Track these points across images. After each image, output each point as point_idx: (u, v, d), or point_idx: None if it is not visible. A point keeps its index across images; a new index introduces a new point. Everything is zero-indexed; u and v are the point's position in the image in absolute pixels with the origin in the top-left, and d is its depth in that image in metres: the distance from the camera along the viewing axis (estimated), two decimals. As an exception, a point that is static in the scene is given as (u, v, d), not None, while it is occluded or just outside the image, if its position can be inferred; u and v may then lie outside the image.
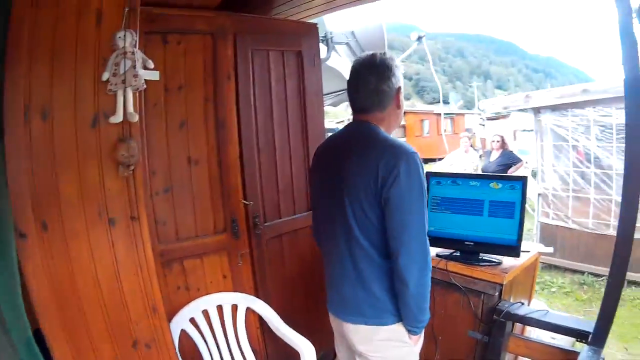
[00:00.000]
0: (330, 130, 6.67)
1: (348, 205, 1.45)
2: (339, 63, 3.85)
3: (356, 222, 1.44)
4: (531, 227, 6.00)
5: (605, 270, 4.74)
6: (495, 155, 6.26)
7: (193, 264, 2.18)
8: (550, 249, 2.46)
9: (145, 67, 1.40)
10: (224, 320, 2.22)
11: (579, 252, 5.00)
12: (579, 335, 1.87)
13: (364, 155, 1.43)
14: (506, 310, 2.03)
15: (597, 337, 1.77)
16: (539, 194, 5.43)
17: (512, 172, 6.16)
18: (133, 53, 1.34)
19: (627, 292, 4.52)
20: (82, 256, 1.27)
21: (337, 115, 17.64)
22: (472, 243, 2.21)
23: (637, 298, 4.43)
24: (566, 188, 5.15)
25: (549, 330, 2.05)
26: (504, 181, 2.16)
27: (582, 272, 5.01)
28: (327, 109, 2.88)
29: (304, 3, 2.64)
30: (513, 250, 2.12)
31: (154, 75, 1.42)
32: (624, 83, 1.50)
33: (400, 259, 1.37)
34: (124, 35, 1.32)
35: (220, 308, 2.22)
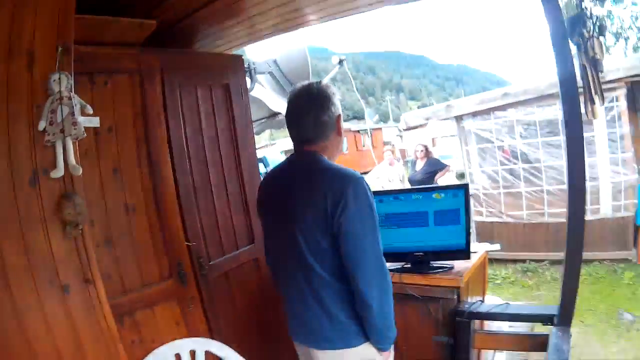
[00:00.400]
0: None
1: (300, 237, 1.46)
2: (262, 92, 3.88)
3: (311, 253, 1.46)
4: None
5: (545, 255, 5.25)
6: (420, 164, 6.57)
7: (144, 315, 2.06)
8: (497, 246, 2.66)
9: (83, 113, 1.32)
10: (184, 368, 2.12)
11: (517, 242, 5.45)
12: (545, 319, 2.02)
13: (311, 185, 1.47)
14: (468, 310, 2.15)
15: (563, 317, 1.93)
16: (471, 195, 5.81)
17: (439, 177, 6.54)
18: (70, 98, 1.26)
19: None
20: (39, 331, 1.15)
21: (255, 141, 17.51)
22: (422, 253, 2.30)
23: (583, 274, 4.71)
24: (496, 186, 5.62)
25: (516, 321, 2.20)
26: (445, 190, 2.31)
27: (524, 261, 5.43)
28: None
29: (226, 35, 2.67)
30: (463, 253, 2.25)
31: (94, 122, 1.35)
32: (559, 85, 1.67)
33: (360, 283, 1.40)
34: (59, 78, 1.24)
35: (178, 356, 2.11)
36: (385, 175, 7.11)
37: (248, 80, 3.45)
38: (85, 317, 1.26)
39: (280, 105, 3.72)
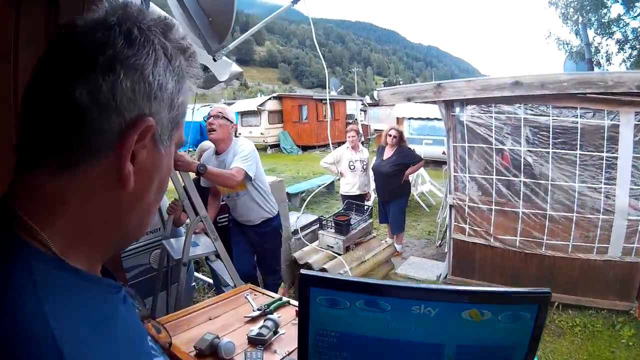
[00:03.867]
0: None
1: None
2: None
3: None
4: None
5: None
6: (389, 152, 5.74)
7: None
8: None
9: None
10: None
11: (504, 274, 4.60)
12: None
13: None
14: None
15: None
16: (451, 206, 4.89)
17: (410, 173, 5.71)
18: None
19: (563, 318, 4.22)
20: None
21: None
22: None
23: (577, 324, 4.10)
24: (488, 200, 4.65)
25: None
26: (496, 306, 0.91)
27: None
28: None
29: None
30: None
31: None
32: None
33: None
34: None
35: None
36: (345, 162, 5.89)
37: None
38: None
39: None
